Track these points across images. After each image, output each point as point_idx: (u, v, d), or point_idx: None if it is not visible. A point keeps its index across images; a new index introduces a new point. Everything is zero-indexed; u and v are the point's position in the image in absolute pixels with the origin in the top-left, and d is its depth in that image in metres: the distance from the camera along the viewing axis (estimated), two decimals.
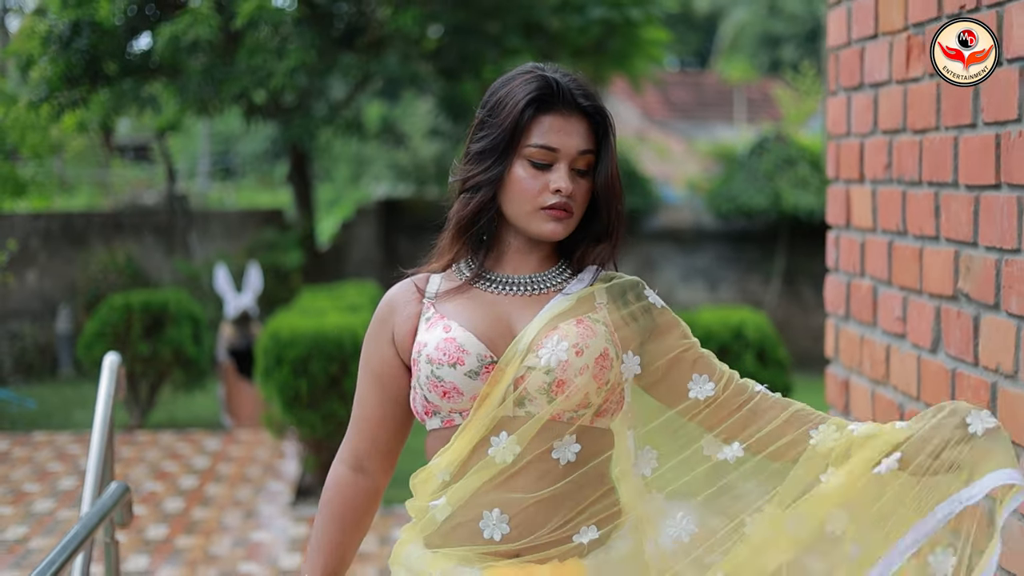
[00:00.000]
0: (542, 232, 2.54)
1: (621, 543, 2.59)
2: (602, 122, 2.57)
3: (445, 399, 2.50)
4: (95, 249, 15.09)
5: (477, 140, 2.55)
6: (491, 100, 2.53)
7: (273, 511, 8.29)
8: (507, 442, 2.48)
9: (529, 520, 2.49)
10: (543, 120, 2.50)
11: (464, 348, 2.48)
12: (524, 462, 2.49)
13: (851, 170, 4.25)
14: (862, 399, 4.18)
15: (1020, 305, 3.03)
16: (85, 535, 3.96)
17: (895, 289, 3.85)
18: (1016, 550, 3.07)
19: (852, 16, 4.21)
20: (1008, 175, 3.08)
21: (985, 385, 3.23)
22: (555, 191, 2.50)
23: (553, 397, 2.48)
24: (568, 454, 2.51)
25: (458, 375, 2.48)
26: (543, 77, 2.49)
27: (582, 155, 2.53)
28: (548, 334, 2.50)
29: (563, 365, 2.47)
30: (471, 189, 2.56)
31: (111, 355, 5.08)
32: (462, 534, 2.51)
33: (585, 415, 2.52)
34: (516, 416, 2.49)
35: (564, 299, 2.57)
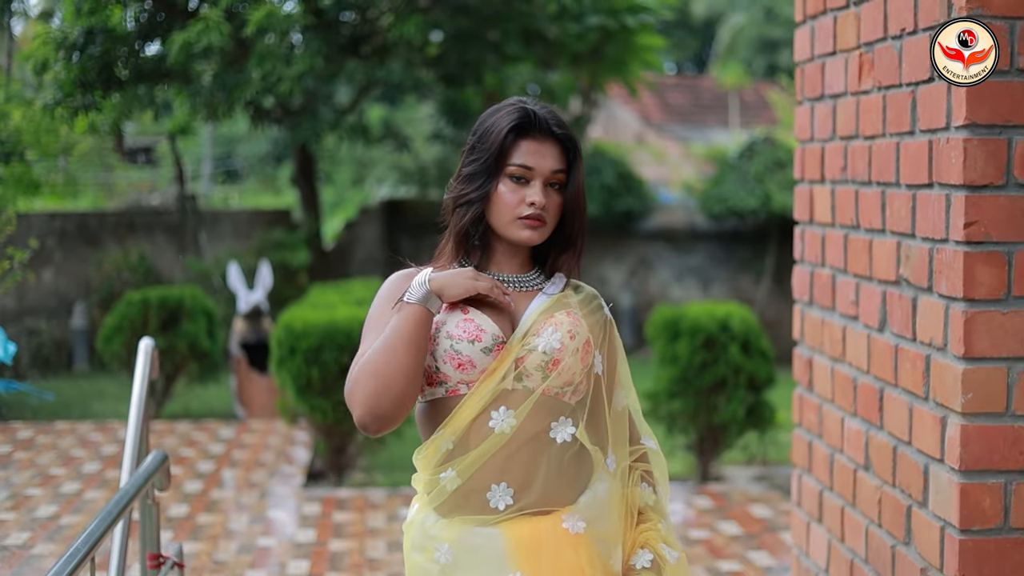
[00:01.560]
0: (520, 238, 3.02)
1: (600, 484, 3.09)
2: (572, 147, 3.06)
3: (459, 370, 2.94)
4: (109, 248, 15.63)
5: (468, 164, 3.04)
6: (480, 129, 3.04)
7: (287, 491, 8.80)
8: (506, 415, 2.94)
9: (531, 492, 2.96)
10: (522, 144, 2.99)
11: (482, 328, 2.95)
12: (525, 439, 2.96)
13: (814, 172, 4.77)
14: (823, 375, 4.69)
15: (948, 287, 3.54)
16: (133, 493, 4.47)
17: (850, 276, 4.37)
18: (944, 499, 3.58)
19: (815, 34, 4.73)
20: (938, 175, 3.60)
21: (921, 357, 3.74)
22: (530, 203, 2.98)
23: (547, 374, 2.95)
24: (564, 434, 2.99)
25: (475, 350, 2.93)
26: (523, 109, 2.99)
27: (554, 174, 3.02)
28: (546, 321, 3.00)
29: (559, 347, 2.96)
30: (464, 204, 3.05)
31: (146, 339, 5.61)
32: (473, 503, 2.95)
33: (568, 392, 3.00)
34: (515, 390, 2.95)
35: (547, 297, 3.08)
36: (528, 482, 2.94)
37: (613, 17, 16.03)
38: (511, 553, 2.92)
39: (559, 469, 2.97)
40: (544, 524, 2.95)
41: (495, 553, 2.93)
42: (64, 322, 15.18)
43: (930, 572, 3.69)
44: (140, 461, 5.18)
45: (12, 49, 20.26)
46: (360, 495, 8.70)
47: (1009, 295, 3.46)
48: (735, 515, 8.17)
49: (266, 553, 7.35)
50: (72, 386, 13.72)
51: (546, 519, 2.95)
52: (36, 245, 13.16)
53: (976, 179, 3.44)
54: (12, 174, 13.81)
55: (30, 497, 8.54)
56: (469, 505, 2.95)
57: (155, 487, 5.06)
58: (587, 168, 16.47)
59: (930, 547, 3.69)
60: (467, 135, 3.19)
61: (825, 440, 4.70)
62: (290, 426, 10.69)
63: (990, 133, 3.43)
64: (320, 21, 13.98)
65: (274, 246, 15.68)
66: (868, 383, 4.20)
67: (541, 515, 2.96)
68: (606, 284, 16.92)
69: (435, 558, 2.97)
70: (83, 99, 13.63)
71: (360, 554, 7.27)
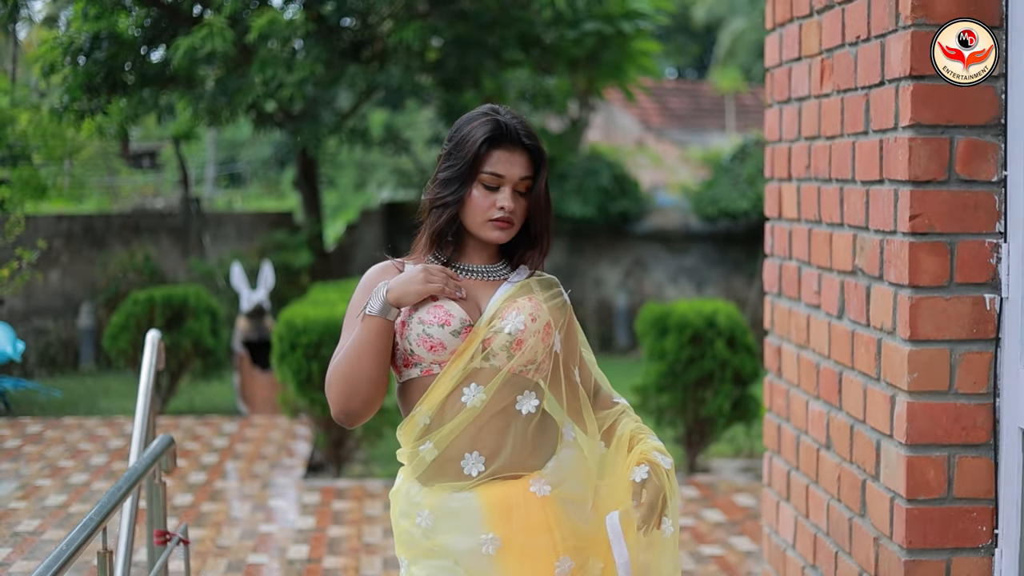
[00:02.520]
0: (490, 238, 3.33)
1: (566, 452, 3.39)
2: (538, 156, 3.35)
3: (431, 352, 3.25)
4: (114, 250, 15.94)
5: (445, 169, 3.34)
6: (456, 136, 3.33)
7: (288, 482, 9.10)
8: (476, 391, 3.25)
9: (500, 458, 3.27)
10: (494, 154, 3.28)
11: (451, 313, 3.26)
12: (494, 412, 3.27)
13: (782, 170, 5.07)
14: (790, 361, 4.99)
15: (896, 276, 3.84)
16: (141, 472, 4.77)
17: (813, 268, 4.67)
18: (893, 472, 3.87)
19: (783, 41, 5.03)
20: (888, 172, 3.89)
21: (873, 341, 4.04)
22: (500, 208, 3.29)
23: (512, 354, 3.26)
24: (529, 406, 3.31)
25: (445, 333, 3.25)
26: (496, 120, 3.28)
27: (522, 180, 3.32)
28: (510, 306, 3.31)
29: (522, 328, 3.27)
30: (440, 207, 3.35)
31: (153, 332, 5.92)
32: (449, 471, 3.28)
33: (531, 369, 3.30)
34: (483, 368, 3.26)
35: (511, 285, 3.38)
36: (497, 450, 3.25)
37: (609, 23, 16.32)
38: (485, 515, 3.24)
39: (525, 438, 3.28)
40: (514, 488, 3.26)
41: (471, 516, 3.24)
42: (71, 322, 15.49)
43: (882, 540, 3.99)
44: (147, 445, 5.48)
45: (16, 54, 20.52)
46: (358, 485, 9.00)
47: (951, 282, 3.75)
48: (720, 504, 8.46)
49: (267, 538, 7.65)
50: (79, 384, 14.03)
51: (516, 483, 3.27)
52: (44, 246, 13.46)
53: (920, 175, 3.74)
54: (20, 177, 14.13)
55: (40, 487, 8.83)
56: (446, 473, 3.27)
57: (162, 468, 5.36)
58: (584, 171, 16.77)
59: (881, 517, 3.99)
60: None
61: (792, 423, 4.99)
62: (291, 420, 10.99)
63: (933, 133, 3.73)
64: (321, 27, 14.26)
65: (276, 247, 16.00)
66: (829, 367, 4.50)
67: (511, 479, 3.27)
68: (602, 285, 17.20)
69: (417, 523, 3.28)
70: (89, 103, 13.95)
71: (358, 539, 7.57)
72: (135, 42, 13.99)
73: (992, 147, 3.74)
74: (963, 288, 3.76)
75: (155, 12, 14.10)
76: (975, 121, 3.73)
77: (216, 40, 12.83)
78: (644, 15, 16.74)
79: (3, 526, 7.81)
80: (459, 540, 3.24)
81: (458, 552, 3.24)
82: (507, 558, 3.23)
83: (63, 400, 12.73)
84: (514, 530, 3.24)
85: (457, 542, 3.24)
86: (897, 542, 3.86)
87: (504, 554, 3.23)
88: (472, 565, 3.24)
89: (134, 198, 21.82)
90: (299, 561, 7.16)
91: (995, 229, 3.75)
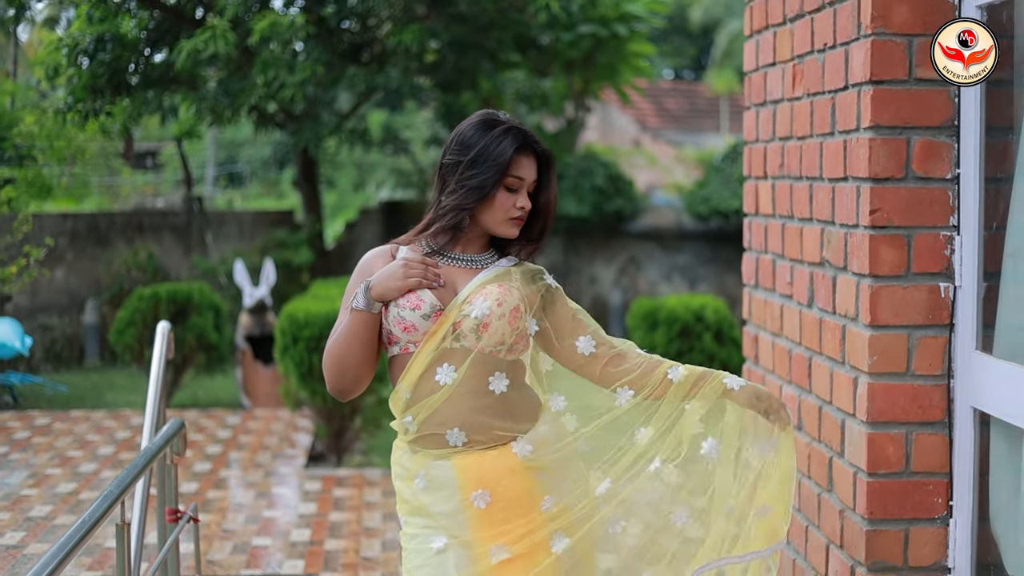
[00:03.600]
0: (507, 233, 3.66)
1: (543, 426, 3.70)
2: (546, 159, 3.70)
3: (405, 332, 3.59)
4: (118, 248, 16.27)
5: (471, 177, 3.61)
6: (477, 145, 3.61)
7: (289, 471, 9.42)
8: (448, 370, 3.58)
9: (479, 431, 3.59)
10: (518, 160, 3.62)
11: (422, 298, 3.59)
12: (468, 390, 3.59)
13: (758, 169, 5.37)
14: (766, 349, 5.30)
15: (858, 266, 4.14)
16: (155, 452, 5.06)
17: (786, 260, 4.97)
18: (856, 448, 4.18)
19: (759, 47, 5.34)
20: (851, 170, 4.20)
21: (839, 327, 4.35)
22: (520, 207, 3.63)
23: (480, 335, 3.57)
24: (500, 386, 3.62)
25: (416, 316, 3.57)
26: (519, 131, 3.62)
27: (533, 183, 3.67)
28: (479, 292, 3.62)
29: (487, 313, 3.57)
30: (464, 209, 3.65)
31: (163, 323, 6.24)
32: (434, 440, 3.62)
33: (501, 350, 3.61)
34: (454, 348, 3.58)
35: (489, 272, 3.69)
36: (475, 425, 3.57)
37: (604, 25, 16.61)
38: (460, 483, 3.58)
39: (500, 414, 3.60)
40: (489, 455, 3.59)
41: (449, 482, 3.58)
42: (76, 318, 15.80)
43: (846, 512, 4.29)
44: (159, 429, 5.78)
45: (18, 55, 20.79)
46: (358, 474, 9.31)
47: (908, 272, 4.06)
48: None
49: (271, 523, 7.96)
50: (84, 379, 14.34)
51: (493, 451, 3.60)
52: (52, 243, 13.76)
53: (879, 172, 4.04)
54: (25, 177, 14.41)
55: (50, 475, 9.13)
56: (431, 442, 3.61)
57: (173, 451, 5.66)
58: (579, 170, 17.07)
59: (846, 491, 4.29)
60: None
61: None
62: (293, 413, 11.31)
63: (891, 133, 4.03)
64: (322, 30, 14.53)
65: (277, 245, 16.32)
66: (800, 353, 4.81)
67: (490, 448, 3.60)
68: (597, 282, 17.50)
69: (412, 485, 3.62)
70: (93, 104, 14.22)
71: (358, 523, 7.88)
72: (138, 44, 14.27)
73: (946, 147, 4.04)
74: (919, 277, 4.06)
75: (158, 15, 14.39)
76: (930, 123, 4.03)
77: (219, 42, 13.11)
78: (638, 17, 17.03)
79: (16, 511, 8.11)
80: (439, 503, 3.58)
81: (438, 514, 3.58)
82: (495, 507, 3.56)
83: (69, 394, 13.04)
84: (500, 484, 3.56)
85: (438, 505, 3.58)
86: (859, 513, 4.16)
87: (493, 505, 3.56)
88: (450, 526, 3.57)
89: (134, 198, 22.13)
90: (301, 544, 7.47)
91: (949, 223, 4.05)
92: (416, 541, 3.64)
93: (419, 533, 3.63)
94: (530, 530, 3.57)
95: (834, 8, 4.35)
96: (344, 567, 7.00)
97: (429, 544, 3.60)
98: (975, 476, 4.05)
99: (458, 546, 3.58)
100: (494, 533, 3.56)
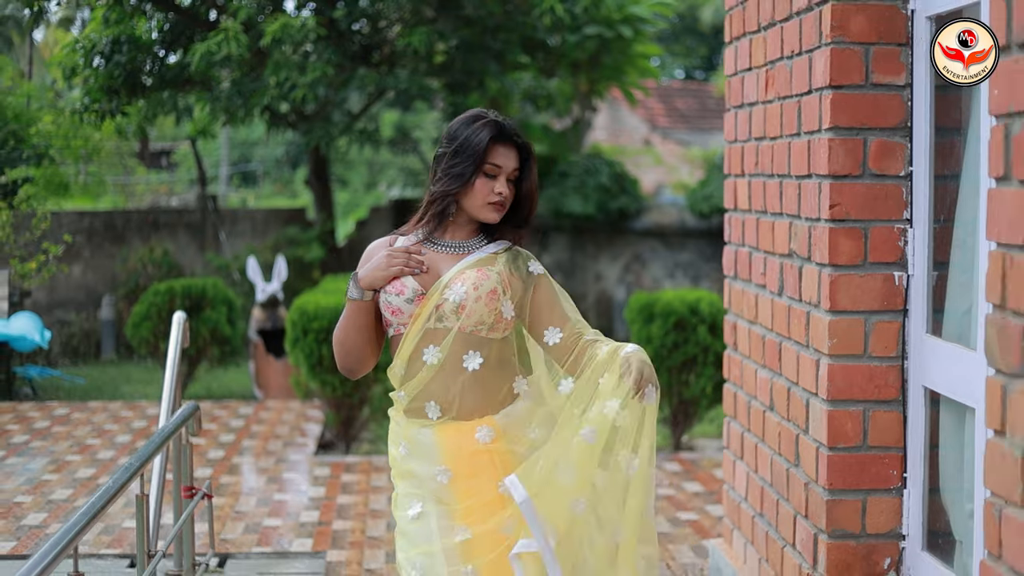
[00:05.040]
0: (487, 218, 3.99)
1: (520, 404, 4.05)
2: (526, 152, 4.02)
3: (394, 316, 3.96)
4: (134, 245, 16.69)
5: (454, 165, 3.97)
6: (459, 137, 3.96)
7: (300, 458, 9.79)
8: (434, 351, 3.93)
9: (452, 407, 3.94)
10: (495, 148, 3.95)
11: (405, 284, 3.95)
12: (447, 368, 3.94)
13: (737, 167, 5.73)
14: (744, 336, 5.66)
15: (820, 256, 4.50)
16: (172, 430, 5.44)
17: (761, 252, 5.33)
18: (818, 425, 4.53)
19: (737, 53, 5.70)
20: (814, 168, 4.56)
21: (804, 314, 4.70)
22: (498, 193, 3.96)
23: (459, 316, 3.91)
24: (474, 364, 3.96)
25: (401, 300, 3.94)
26: (495, 121, 3.95)
27: (514, 171, 3.99)
28: (458, 277, 3.96)
29: (464, 296, 3.91)
30: (449, 196, 4.00)
31: (179, 313, 6.64)
32: (417, 411, 3.97)
33: (483, 329, 3.95)
34: (437, 328, 3.93)
35: (472, 257, 4.03)
36: (449, 400, 3.93)
37: (609, 27, 16.92)
38: (439, 450, 3.94)
39: (472, 390, 3.93)
40: (463, 429, 3.94)
41: (430, 449, 3.94)
42: (92, 314, 16.21)
43: (811, 485, 4.65)
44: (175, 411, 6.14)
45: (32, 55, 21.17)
46: (366, 460, 9.68)
47: (865, 261, 4.41)
48: (700, 477, 9.12)
49: (281, 505, 8.33)
50: (101, 372, 14.73)
51: (467, 425, 3.94)
52: (70, 239, 14.14)
53: (838, 170, 4.40)
54: (43, 175, 14.79)
55: (70, 462, 9.51)
56: (416, 413, 3.97)
57: (189, 431, 6.03)
58: (584, 169, 17.40)
59: (810, 465, 4.65)
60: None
61: (745, 389, 5.66)
62: (303, 403, 11.70)
63: (850, 134, 4.39)
64: (332, 32, 14.84)
65: (289, 242, 16.71)
66: (772, 338, 5.17)
67: (464, 422, 3.94)
68: (602, 279, 17.84)
69: (399, 450, 4.01)
70: (110, 104, 14.60)
71: (365, 506, 8.24)
72: (153, 46, 14.64)
73: (900, 147, 4.39)
74: (875, 267, 4.42)
75: (172, 17, 14.75)
76: (885, 124, 4.39)
77: (232, 44, 13.45)
78: (643, 19, 17.35)
79: (38, 495, 8.49)
80: (422, 467, 3.94)
81: (421, 477, 3.94)
82: (458, 484, 3.91)
83: (86, 387, 13.43)
84: (461, 467, 3.92)
85: (421, 469, 3.94)
86: (821, 484, 4.52)
87: (455, 482, 3.91)
88: (431, 488, 3.93)
89: (148, 196, 22.55)
90: (310, 524, 7.84)
91: (902, 216, 4.41)
92: (399, 507, 4.01)
93: (401, 498, 4.01)
94: (490, 513, 3.90)
95: (800, 18, 4.71)
96: (351, 545, 7.36)
97: (407, 511, 3.96)
98: (926, 450, 4.41)
99: (441, 514, 3.91)
100: (465, 507, 3.90)
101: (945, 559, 4.28)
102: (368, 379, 9.98)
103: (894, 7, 4.37)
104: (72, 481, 8.89)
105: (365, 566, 6.96)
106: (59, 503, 8.30)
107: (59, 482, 8.87)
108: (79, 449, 9.99)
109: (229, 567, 6.98)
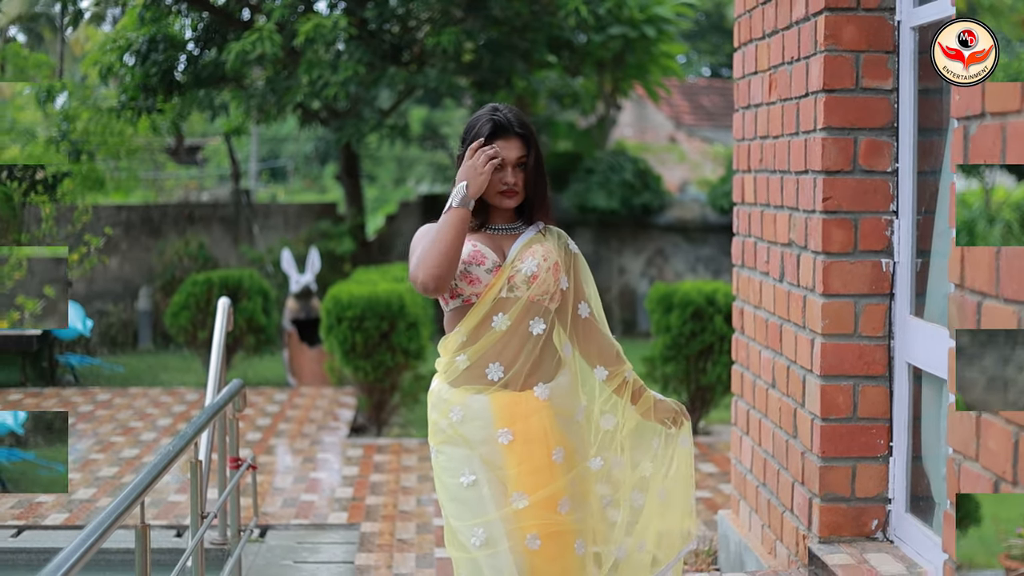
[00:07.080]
0: (502, 205, 4.36)
1: (563, 377, 4.45)
2: (529, 139, 4.37)
3: (470, 285, 4.28)
4: (170, 238, 17.21)
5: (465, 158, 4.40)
6: (468, 136, 4.36)
7: (334, 440, 10.26)
8: (503, 319, 4.29)
9: (515, 368, 4.29)
10: (496, 142, 4.32)
11: (485, 256, 4.31)
12: (513, 333, 4.30)
13: (744, 164, 6.17)
14: (750, 320, 6.10)
15: (814, 245, 4.94)
16: (219, 407, 5.88)
17: (764, 242, 5.77)
18: (812, 398, 4.97)
19: (745, 58, 6.14)
20: (809, 164, 5.00)
21: (801, 298, 5.14)
22: (505, 182, 4.33)
23: (531, 285, 4.29)
24: (538, 328, 4.34)
25: (481, 271, 4.29)
26: (494, 119, 4.32)
27: (519, 159, 4.36)
28: (526, 251, 4.35)
29: (536, 267, 4.31)
30: None
31: (223, 299, 7.12)
32: (474, 375, 4.31)
33: (546, 299, 4.34)
34: (508, 298, 4.30)
35: (526, 236, 4.45)
36: (513, 361, 4.27)
37: (633, 27, 17.28)
38: (495, 416, 4.28)
39: (533, 354, 4.29)
40: (520, 396, 4.30)
41: (485, 414, 4.28)
42: (130, 305, 16.74)
43: (806, 454, 5.09)
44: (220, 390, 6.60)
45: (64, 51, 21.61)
46: (397, 442, 10.15)
47: (855, 249, 4.85)
48: (715, 459, 9.56)
49: (317, 483, 8.81)
50: (139, 361, 15.26)
51: (522, 393, 4.30)
52: (111, 232, 14.63)
53: (831, 166, 4.84)
54: (80, 171, 15.28)
55: (114, 443, 10.00)
56: (472, 378, 4.30)
57: (235, 407, 6.49)
58: (609, 166, 17.81)
59: (806, 435, 5.09)
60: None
61: (751, 369, 6.10)
62: (336, 390, 12.18)
63: (841, 133, 4.83)
64: (363, 32, 15.19)
65: (321, 236, 17.16)
66: (774, 321, 5.61)
67: (519, 392, 4.29)
68: (626, 273, 18.26)
69: (449, 416, 4.30)
70: (146, 102, 15.08)
71: (396, 483, 8.72)
72: (188, 45, 15.11)
73: (887, 145, 4.83)
74: (864, 254, 4.86)
75: (207, 16, 15.21)
76: (874, 125, 4.83)
77: (266, 44, 13.89)
78: (666, 19, 17.71)
79: (87, 472, 8.98)
80: (477, 432, 4.26)
81: (475, 441, 4.26)
82: (515, 448, 4.26)
83: (125, 375, 13.93)
84: (517, 428, 4.26)
85: (475, 433, 4.26)
86: (815, 453, 4.96)
87: (513, 445, 4.25)
88: (485, 452, 4.26)
89: (177, 192, 23.05)
90: (345, 499, 8.31)
91: (889, 208, 4.84)
92: (447, 474, 4.30)
93: (450, 465, 4.30)
94: (545, 482, 4.27)
95: (798, 27, 5.15)
96: (384, 518, 7.82)
97: (459, 478, 4.26)
98: (910, 421, 4.85)
99: (495, 480, 4.25)
100: (518, 471, 4.24)
101: (926, 520, 4.72)
102: (399, 365, 10.45)
103: (882, 18, 4.80)
104: (118, 460, 9.37)
105: (397, 536, 7.43)
106: (106, 479, 8.79)
107: (105, 461, 9.35)
108: (123, 431, 10.48)
109: (270, 536, 7.47)
